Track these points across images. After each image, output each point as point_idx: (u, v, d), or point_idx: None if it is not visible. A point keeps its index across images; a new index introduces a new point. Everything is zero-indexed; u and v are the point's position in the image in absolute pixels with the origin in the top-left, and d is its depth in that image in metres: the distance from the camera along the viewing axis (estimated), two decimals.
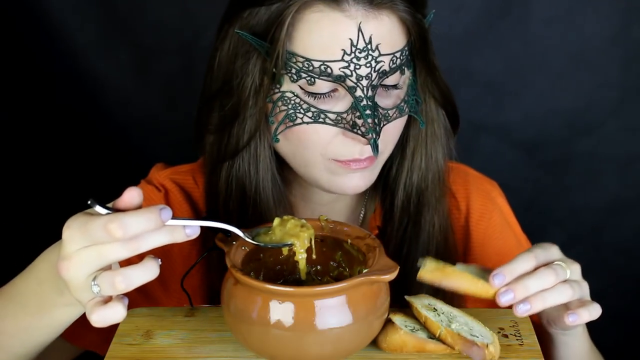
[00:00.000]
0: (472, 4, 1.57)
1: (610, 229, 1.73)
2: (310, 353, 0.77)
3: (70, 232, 0.71)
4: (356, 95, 0.92)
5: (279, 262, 0.89)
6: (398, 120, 0.97)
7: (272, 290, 0.75)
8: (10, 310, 0.87)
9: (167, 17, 1.55)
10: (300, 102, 0.93)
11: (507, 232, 1.15)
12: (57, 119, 1.60)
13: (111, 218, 0.69)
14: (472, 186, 1.15)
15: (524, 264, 0.86)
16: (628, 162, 1.69)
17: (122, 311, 0.72)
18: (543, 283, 0.85)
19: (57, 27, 1.52)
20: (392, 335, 0.83)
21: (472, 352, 0.82)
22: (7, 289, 0.89)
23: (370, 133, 0.92)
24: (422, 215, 1.07)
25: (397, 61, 0.94)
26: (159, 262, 0.73)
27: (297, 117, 0.93)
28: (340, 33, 0.90)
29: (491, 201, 1.15)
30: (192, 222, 0.73)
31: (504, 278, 0.84)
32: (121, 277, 0.71)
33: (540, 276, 0.85)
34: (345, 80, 0.91)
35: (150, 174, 1.12)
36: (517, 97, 1.64)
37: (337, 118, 0.93)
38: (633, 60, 1.60)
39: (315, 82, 0.91)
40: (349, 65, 0.91)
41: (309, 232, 0.84)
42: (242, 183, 1.00)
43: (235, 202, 1.01)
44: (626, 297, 1.76)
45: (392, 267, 0.77)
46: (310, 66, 0.91)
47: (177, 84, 1.60)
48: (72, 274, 0.72)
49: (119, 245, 0.70)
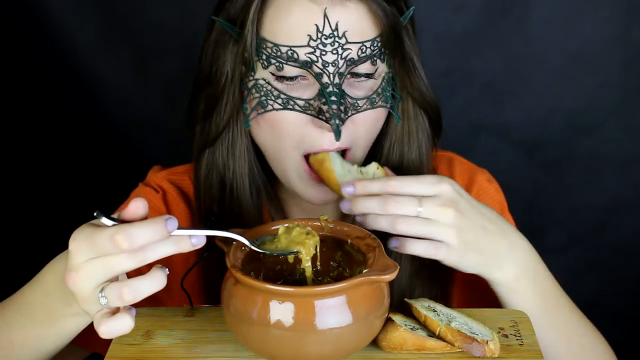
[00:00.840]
0: (472, 4, 1.57)
1: (610, 229, 1.73)
2: (310, 353, 0.77)
3: (76, 244, 0.72)
4: (322, 82, 0.93)
5: (279, 263, 0.90)
6: (370, 113, 0.97)
7: (272, 290, 0.75)
8: (19, 321, 0.87)
9: (167, 17, 1.55)
10: (272, 89, 0.95)
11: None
12: (57, 119, 1.61)
13: (117, 229, 0.69)
14: (456, 170, 1.14)
15: (376, 185, 0.90)
16: (628, 162, 1.69)
17: (130, 322, 0.73)
18: (380, 207, 0.88)
19: (57, 27, 1.52)
20: (392, 333, 0.82)
21: (472, 348, 0.82)
22: (14, 300, 0.90)
23: (334, 119, 0.92)
24: None
25: (367, 51, 0.94)
26: (166, 271, 0.73)
27: (268, 104, 0.95)
28: (306, 18, 0.91)
29: (477, 184, 1.13)
30: (198, 232, 0.73)
31: (353, 190, 0.90)
32: (129, 289, 0.71)
33: (382, 201, 0.88)
34: (311, 66, 0.93)
35: (147, 177, 1.14)
36: (517, 97, 1.64)
37: (305, 105, 0.95)
38: (633, 61, 1.60)
39: (283, 67, 0.93)
40: (315, 50, 0.92)
41: (315, 239, 0.84)
42: (221, 171, 1.03)
43: (215, 189, 1.03)
44: (626, 297, 1.77)
45: (392, 267, 0.77)
46: (278, 51, 0.93)
47: (177, 84, 1.59)
48: (80, 286, 0.72)
49: (125, 256, 0.70)
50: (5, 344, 0.88)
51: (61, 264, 0.83)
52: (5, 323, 0.88)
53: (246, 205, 1.03)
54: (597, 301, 1.77)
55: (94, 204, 0.98)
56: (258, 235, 0.85)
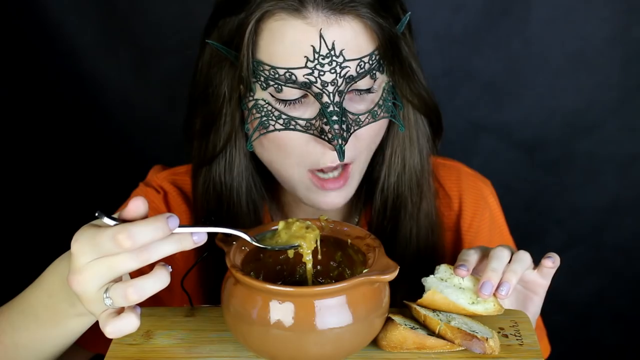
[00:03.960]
0: (472, 4, 1.57)
1: (610, 229, 1.73)
2: (310, 353, 0.77)
3: (79, 245, 0.72)
4: (323, 102, 0.92)
5: (279, 263, 0.90)
6: (373, 125, 0.96)
7: (272, 291, 0.75)
8: (23, 323, 0.87)
9: (167, 17, 1.55)
10: (272, 110, 0.94)
11: (495, 233, 1.15)
12: (56, 119, 1.61)
13: (119, 229, 0.69)
14: (464, 184, 1.15)
15: (473, 255, 0.90)
16: (628, 162, 1.69)
17: (135, 322, 0.73)
18: (503, 260, 0.87)
19: (57, 27, 1.52)
20: (391, 332, 0.82)
21: (473, 345, 0.81)
22: (17, 302, 0.90)
23: (336, 139, 0.91)
24: (399, 220, 1.06)
25: (365, 66, 0.93)
26: (169, 269, 0.73)
27: (270, 124, 0.94)
28: (302, 40, 0.90)
29: (483, 200, 1.15)
30: (199, 229, 0.73)
31: (466, 269, 0.87)
32: (133, 289, 0.71)
33: (496, 256, 0.88)
34: (311, 87, 0.91)
35: (148, 176, 1.13)
36: (517, 97, 1.64)
37: (307, 124, 0.94)
38: (633, 60, 1.60)
39: (282, 89, 0.92)
40: (313, 72, 0.91)
41: (315, 233, 0.84)
42: (218, 188, 1.02)
43: (212, 205, 1.03)
44: (626, 297, 1.77)
45: (392, 267, 0.77)
46: (275, 74, 0.92)
47: (177, 84, 1.59)
48: (84, 288, 0.72)
49: (128, 256, 0.70)
50: (9, 346, 0.88)
51: (63, 265, 0.83)
52: (9, 325, 0.89)
53: (242, 223, 1.03)
54: (597, 301, 1.77)
55: (95, 204, 0.98)
56: (259, 232, 0.85)
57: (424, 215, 1.07)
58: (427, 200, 1.07)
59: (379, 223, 1.07)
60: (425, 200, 1.07)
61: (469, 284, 0.89)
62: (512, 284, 0.86)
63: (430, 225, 1.08)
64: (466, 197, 1.14)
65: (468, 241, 1.14)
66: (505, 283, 0.86)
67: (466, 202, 1.14)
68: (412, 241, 1.06)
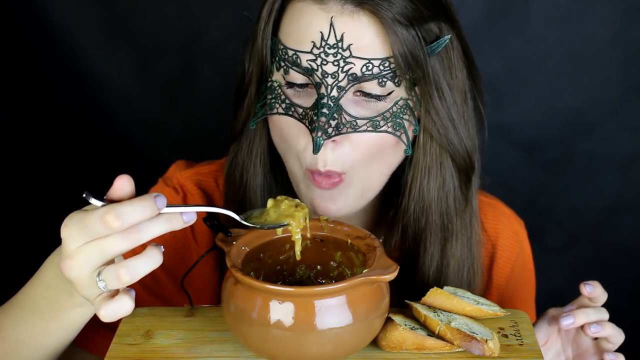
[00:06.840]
0: (472, 4, 1.57)
1: (610, 229, 1.73)
2: (310, 353, 0.77)
3: (68, 230, 0.71)
4: (320, 92, 0.90)
5: (279, 263, 0.89)
6: (372, 136, 0.91)
7: (272, 290, 0.75)
8: (22, 318, 0.87)
9: (167, 17, 1.55)
10: (280, 93, 0.94)
11: (525, 276, 1.14)
12: (56, 119, 1.61)
13: (107, 209, 0.69)
14: (502, 225, 1.11)
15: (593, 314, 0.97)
16: (628, 162, 1.69)
17: (129, 303, 0.72)
18: (602, 316, 0.97)
19: (57, 27, 1.52)
20: (391, 332, 0.82)
21: (472, 346, 0.81)
22: (16, 298, 0.89)
23: (317, 130, 0.88)
24: (418, 256, 1.01)
25: (374, 70, 0.88)
26: (161, 249, 0.73)
27: (274, 107, 0.94)
28: (312, 24, 0.89)
29: (519, 244, 1.12)
30: (188, 209, 0.73)
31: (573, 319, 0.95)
32: (125, 270, 0.71)
33: (600, 310, 0.97)
34: (312, 75, 0.90)
35: (169, 172, 1.11)
36: (517, 97, 1.64)
37: (303, 113, 0.92)
38: (633, 60, 1.60)
39: (289, 72, 0.92)
40: (316, 59, 0.89)
41: (304, 211, 0.83)
42: (240, 169, 1.02)
43: (236, 186, 1.03)
44: (626, 297, 1.76)
45: (392, 267, 0.77)
46: (285, 54, 0.92)
47: (177, 84, 1.60)
48: (76, 273, 0.72)
49: (118, 237, 0.70)
50: (10, 342, 0.88)
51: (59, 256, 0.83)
52: (10, 321, 0.88)
53: (256, 203, 1.02)
54: None
55: None
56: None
57: (454, 262, 1.00)
58: (460, 246, 1.00)
59: (400, 254, 1.04)
60: (455, 245, 1.00)
61: None
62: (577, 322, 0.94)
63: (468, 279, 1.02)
64: (502, 239, 1.11)
65: (497, 286, 1.11)
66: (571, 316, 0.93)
67: (502, 244, 1.11)
68: (430, 284, 0.98)
